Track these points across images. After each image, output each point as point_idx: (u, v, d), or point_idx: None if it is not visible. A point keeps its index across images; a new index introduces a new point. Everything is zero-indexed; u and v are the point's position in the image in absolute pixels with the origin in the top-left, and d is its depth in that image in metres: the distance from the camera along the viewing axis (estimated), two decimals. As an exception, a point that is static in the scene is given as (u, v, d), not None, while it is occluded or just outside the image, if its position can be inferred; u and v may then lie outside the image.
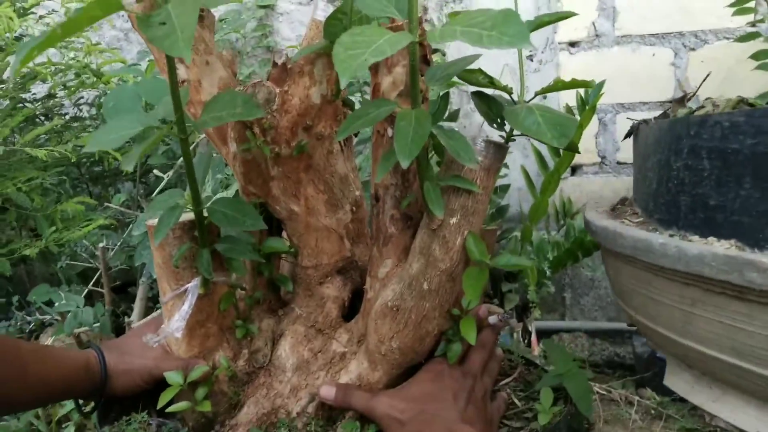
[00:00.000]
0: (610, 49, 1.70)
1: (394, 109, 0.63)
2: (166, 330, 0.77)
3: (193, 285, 0.79)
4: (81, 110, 1.77)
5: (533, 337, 1.54)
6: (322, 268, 0.86)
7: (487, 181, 0.67)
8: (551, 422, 0.71)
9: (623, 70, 1.70)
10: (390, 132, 0.74)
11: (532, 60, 1.75)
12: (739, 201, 0.50)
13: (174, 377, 0.76)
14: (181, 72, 0.80)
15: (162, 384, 0.77)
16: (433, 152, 0.84)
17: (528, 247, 1.54)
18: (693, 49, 1.65)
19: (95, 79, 1.36)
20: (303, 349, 0.83)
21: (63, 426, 1.07)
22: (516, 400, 0.81)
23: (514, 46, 0.49)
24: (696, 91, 0.73)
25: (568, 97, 1.72)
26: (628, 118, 1.02)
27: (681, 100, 0.69)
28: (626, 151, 1.73)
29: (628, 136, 0.72)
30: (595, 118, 1.72)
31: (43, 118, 1.59)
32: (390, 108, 0.63)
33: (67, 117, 1.68)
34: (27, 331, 1.14)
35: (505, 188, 1.55)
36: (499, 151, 0.66)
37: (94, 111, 1.77)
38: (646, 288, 0.57)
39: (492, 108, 0.67)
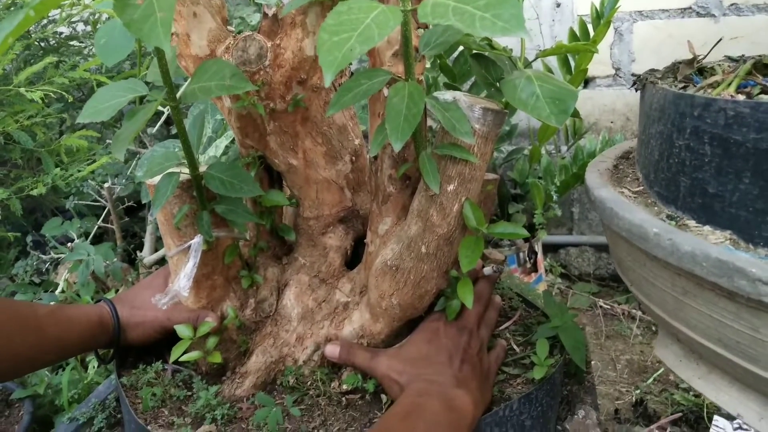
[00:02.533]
0: (631, -50, 1.59)
1: (388, 79, 0.61)
2: (173, 289, 0.79)
3: (196, 242, 0.80)
4: (75, 29, 1.72)
5: (539, 257, 1.56)
6: (323, 219, 0.86)
7: (485, 148, 0.65)
8: (546, 375, 0.74)
9: (643, -27, 1.60)
10: (386, 91, 0.72)
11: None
12: (738, 194, 0.49)
13: (184, 331, 0.79)
14: (169, 24, 0.76)
15: (175, 334, 0.81)
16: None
17: (536, 166, 1.53)
18: (721, -51, 1.53)
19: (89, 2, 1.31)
20: (307, 298, 0.86)
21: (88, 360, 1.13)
22: (515, 346, 0.84)
23: (508, 34, 0.46)
24: (706, 56, 0.69)
25: (584, 6, 1.63)
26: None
27: (690, 62, 0.65)
28: (643, 63, 1.66)
29: (636, 89, 0.68)
30: (610, 27, 1.64)
31: (41, 42, 1.54)
32: (383, 79, 0.60)
33: (62, 36, 1.63)
34: (44, 270, 1.18)
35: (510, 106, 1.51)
36: (497, 117, 0.64)
37: (89, 29, 1.71)
38: (641, 268, 0.57)
39: (490, 72, 0.64)
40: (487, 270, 0.79)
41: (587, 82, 1.71)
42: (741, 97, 0.53)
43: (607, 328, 1.56)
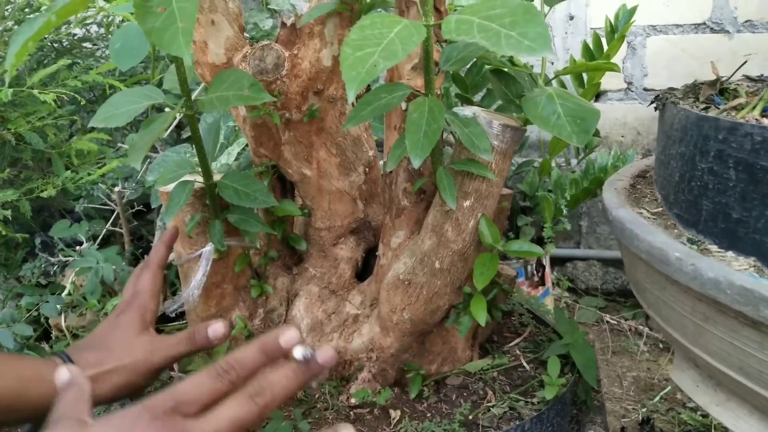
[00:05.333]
0: (645, -35, 1.58)
1: (408, 94, 0.60)
2: (183, 297, 0.79)
3: (207, 250, 0.80)
4: (89, 31, 1.72)
5: (547, 270, 1.55)
6: (335, 230, 0.86)
7: (502, 165, 0.65)
8: (557, 395, 0.73)
9: (657, -12, 1.59)
10: (404, 105, 0.71)
11: (560, -24, 1.64)
12: (763, 220, 0.48)
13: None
14: (186, 31, 0.76)
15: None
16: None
17: (546, 179, 1.52)
18: (736, -35, 1.52)
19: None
20: (317, 310, 0.85)
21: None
22: (525, 363, 0.83)
23: (534, 54, 0.46)
24: (731, 77, 0.68)
25: (598, 19, 1.63)
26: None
27: (713, 84, 0.65)
28: (655, 77, 1.66)
29: (655, 108, 0.68)
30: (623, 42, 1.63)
31: (54, 44, 1.54)
32: (403, 94, 0.60)
33: (75, 38, 1.63)
34: (51, 272, 1.17)
35: (529, 122, 1.50)
36: (515, 134, 0.63)
37: (102, 31, 1.72)
38: (660, 291, 0.56)
39: (510, 88, 0.64)
40: (298, 353, 0.50)
41: (598, 96, 1.71)
42: (767, 122, 0.52)
43: (614, 344, 1.55)
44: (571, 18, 1.66)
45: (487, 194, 0.66)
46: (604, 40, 1.32)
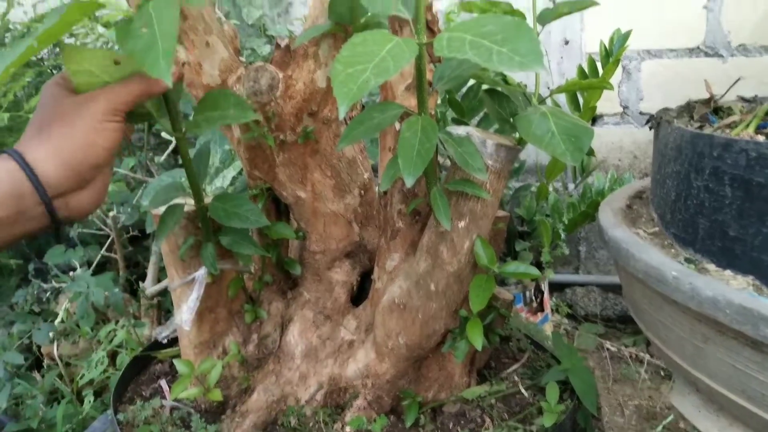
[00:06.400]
0: (638, -10, 1.60)
1: (401, 113, 0.60)
2: (175, 322, 0.77)
3: (201, 274, 0.79)
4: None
5: (545, 296, 1.54)
6: (330, 253, 0.85)
7: (497, 185, 0.64)
8: (557, 422, 0.71)
9: (652, 14, 1.60)
10: (398, 125, 0.71)
11: (554, 2, 1.65)
12: (761, 238, 0.47)
13: (183, 368, 0.76)
14: (181, 54, 0.76)
15: None
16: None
17: (544, 204, 1.51)
18: (729, -10, 1.54)
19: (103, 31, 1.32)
20: (312, 335, 0.83)
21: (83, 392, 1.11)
22: (523, 390, 0.82)
23: (525, 69, 0.46)
24: (723, 96, 0.68)
25: (592, 44, 1.64)
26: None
27: (707, 102, 0.65)
28: (651, 101, 1.66)
29: (650, 128, 0.67)
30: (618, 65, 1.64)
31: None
32: (396, 113, 0.59)
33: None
34: (44, 299, 1.16)
35: (523, 142, 1.50)
36: (510, 153, 0.63)
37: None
38: (657, 311, 0.55)
39: (504, 107, 0.63)
40: None
41: (595, 120, 1.71)
42: (761, 138, 0.52)
43: (615, 372, 1.52)
44: (567, 42, 1.67)
45: (482, 215, 0.65)
46: (599, 64, 1.33)
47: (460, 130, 0.61)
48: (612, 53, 1.34)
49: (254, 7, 1.78)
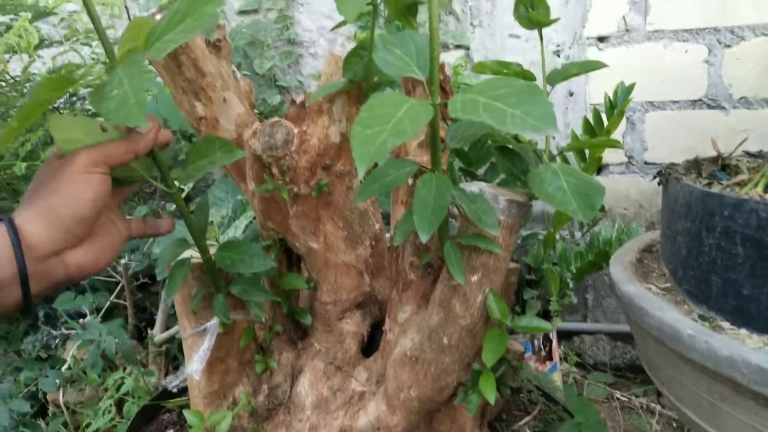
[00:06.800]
0: (641, 45, 1.64)
1: (415, 170, 0.61)
2: (186, 371, 0.77)
3: (212, 324, 0.79)
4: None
5: (554, 345, 1.53)
6: (341, 304, 0.85)
7: (509, 239, 0.65)
8: (571, 479, 0.70)
9: (654, 67, 1.64)
10: (410, 180, 0.72)
11: (559, 56, 1.69)
12: (775, 298, 0.48)
13: (193, 419, 0.76)
14: (199, 109, 0.78)
15: None
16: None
17: (551, 252, 1.52)
18: (728, 46, 1.58)
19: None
20: (322, 386, 0.83)
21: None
22: (535, 443, 0.81)
23: (539, 132, 0.47)
24: (731, 154, 0.70)
25: (597, 95, 1.68)
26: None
27: (715, 160, 0.66)
28: (655, 151, 1.68)
29: (659, 183, 0.69)
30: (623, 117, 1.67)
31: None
32: (411, 170, 0.61)
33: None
34: (53, 346, 1.16)
35: (534, 197, 1.52)
36: (521, 209, 0.64)
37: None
38: (672, 368, 0.55)
39: (516, 164, 0.65)
40: None
41: (600, 169, 1.73)
42: (771, 198, 0.53)
43: (626, 423, 1.50)
44: (571, 94, 1.70)
45: (494, 269, 0.66)
46: (604, 116, 1.35)
47: (473, 187, 0.62)
48: (616, 105, 1.37)
49: (265, 58, 1.83)
